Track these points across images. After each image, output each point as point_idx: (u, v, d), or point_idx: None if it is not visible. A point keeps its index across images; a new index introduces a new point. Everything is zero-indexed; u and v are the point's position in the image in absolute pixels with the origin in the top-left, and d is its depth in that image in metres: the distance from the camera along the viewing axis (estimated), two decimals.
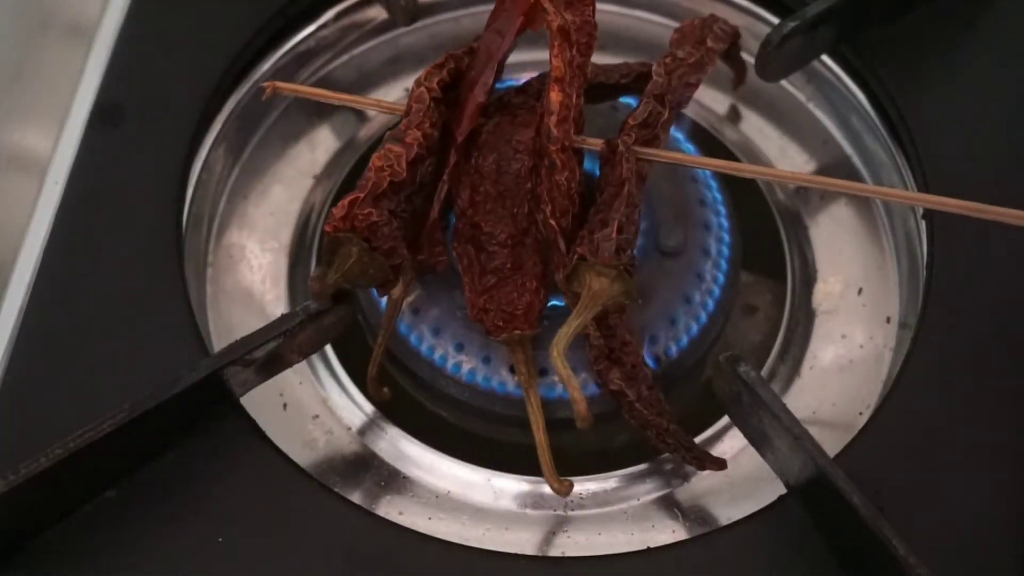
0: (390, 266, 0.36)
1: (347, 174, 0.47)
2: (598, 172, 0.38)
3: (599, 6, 0.51)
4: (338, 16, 0.50)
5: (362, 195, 0.35)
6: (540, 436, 0.36)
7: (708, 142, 0.48)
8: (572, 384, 0.34)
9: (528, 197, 0.38)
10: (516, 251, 0.38)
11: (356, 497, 0.38)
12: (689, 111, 0.47)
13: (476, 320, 0.38)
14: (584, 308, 0.35)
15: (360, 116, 0.50)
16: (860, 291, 0.44)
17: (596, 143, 0.38)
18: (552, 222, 0.36)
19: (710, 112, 0.50)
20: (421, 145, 0.37)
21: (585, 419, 0.34)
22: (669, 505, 0.40)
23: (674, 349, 0.39)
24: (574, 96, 0.37)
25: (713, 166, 0.41)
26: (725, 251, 0.41)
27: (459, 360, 0.39)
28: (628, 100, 0.44)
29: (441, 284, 0.40)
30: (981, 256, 0.40)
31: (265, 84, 0.40)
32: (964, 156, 0.43)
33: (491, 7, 0.41)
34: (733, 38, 0.45)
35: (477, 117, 0.39)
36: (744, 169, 0.43)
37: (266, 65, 0.48)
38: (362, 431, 0.42)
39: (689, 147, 0.44)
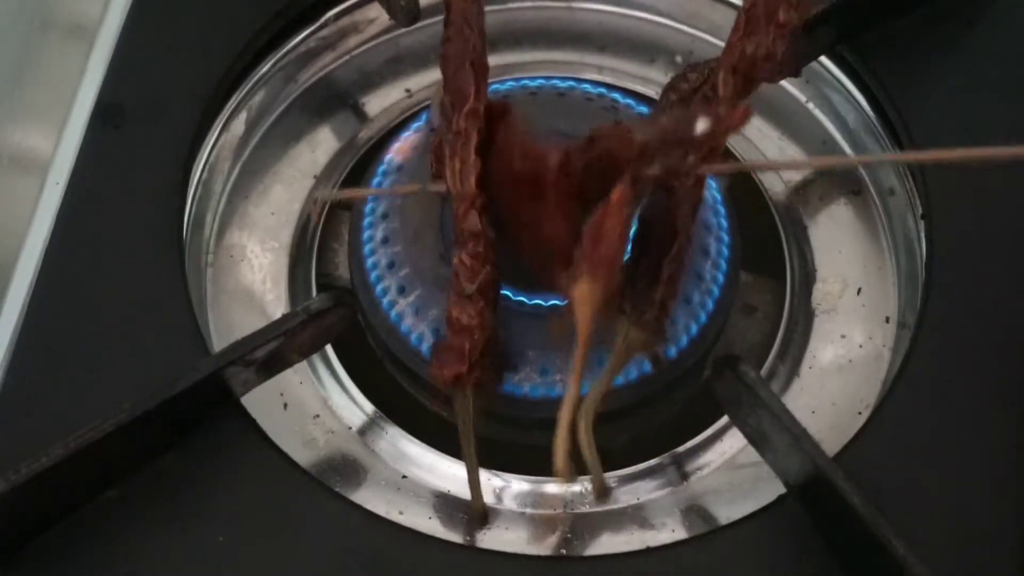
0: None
1: (347, 174, 0.47)
2: None
3: (599, 7, 0.51)
4: (338, 16, 0.50)
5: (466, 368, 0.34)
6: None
7: None
8: (595, 464, 0.34)
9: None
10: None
11: (356, 497, 0.38)
12: None
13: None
14: (618, 361, 0.34)
15: (360, 116, 0.50)
16: (859, 291, 0.44)
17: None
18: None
19: None
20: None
21: (602, 494, 0.36)
22: (669, 505, 0.40)
23: (674, 349, 0.39)
24: None
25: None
26: (724, 251, 0.41)
27: None
28: (630, 101, 0.44)
29: (441, 285, 0.40)
30: (980, 256, 0.40)
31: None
32: None
33: (491, 7, 0.40)
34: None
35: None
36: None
37: (266, 65, 0.48)
38: (362, 431, 0.42)
39: None
